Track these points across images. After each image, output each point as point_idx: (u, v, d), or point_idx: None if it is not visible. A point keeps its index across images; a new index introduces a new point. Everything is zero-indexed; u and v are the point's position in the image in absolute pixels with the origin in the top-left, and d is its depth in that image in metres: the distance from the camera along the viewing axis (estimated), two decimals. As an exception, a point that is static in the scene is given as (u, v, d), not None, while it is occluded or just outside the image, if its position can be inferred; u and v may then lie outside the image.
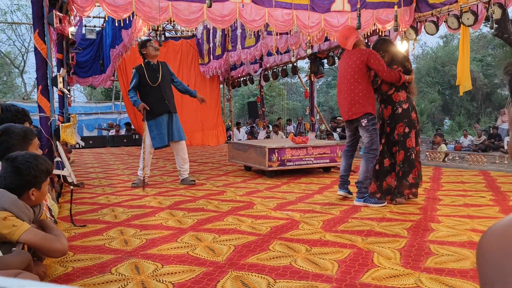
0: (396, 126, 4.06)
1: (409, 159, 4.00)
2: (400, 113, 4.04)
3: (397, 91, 4.07)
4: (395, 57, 4.15)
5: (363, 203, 3.96)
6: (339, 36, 4.24)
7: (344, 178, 4.32)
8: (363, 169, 4.00)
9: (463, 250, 2.57)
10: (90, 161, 9.33)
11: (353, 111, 4.03)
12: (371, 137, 3.98)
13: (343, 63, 4.16)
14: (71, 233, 3.16)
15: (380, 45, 4.21)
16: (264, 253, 2.57)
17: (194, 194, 4.79)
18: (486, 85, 27.37)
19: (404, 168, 4.01)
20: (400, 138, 4.03)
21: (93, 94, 31.43)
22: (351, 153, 4.36)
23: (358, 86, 4.01)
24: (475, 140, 16.08)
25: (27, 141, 2.40)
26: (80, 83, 13.32)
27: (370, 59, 3.94)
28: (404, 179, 4.00)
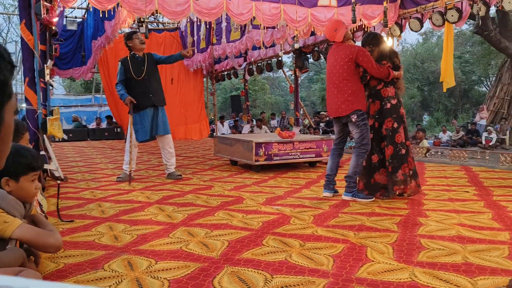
0: (384, 121, 4.06)
1: (398, 154, 4.02)
2: (389, 108, 4.05)
3: (385, 86, 4.08)
4: (384, 52, 4.15)
5: (351, 198, 3.99)
6: (328, 29, 4.19)
7: (330, 178, 4.25)
8: (353, 164, 4.01)
9: (453, 245, 2.61)
10: (71, 155, 9.15)
11: (343, 108, 4.02)
12: (361, 133, 3.98)
13: (332, 59, 4.13)
14: (59, 228, 3.09)
15: (370, 40, 4.21)
16: (259, 248, 2.56)
17: (182, 188, 4.75)
18: (464, 82, 27.91)
19: (393, 163, 4.01)
20: (389, 133, 4.04)
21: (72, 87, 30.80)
22: (339, 151, 4.32)
23: (347, 83, 4.00)
24: (453, 136, 16.41)
25: (18, 135, 2.33)
26: (60, 75, 13.02)
27: (359, 56, 3.94)
28: (393, 175, 4.02)
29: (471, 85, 28.86)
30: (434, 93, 28.78)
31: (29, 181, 1.98)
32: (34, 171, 1.99)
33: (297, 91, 11.30)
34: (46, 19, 3.84)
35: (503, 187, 4.58)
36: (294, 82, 11.50)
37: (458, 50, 29.28)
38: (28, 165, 1.97)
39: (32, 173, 1.98)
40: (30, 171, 1.97)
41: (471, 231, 2.90)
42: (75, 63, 12.39)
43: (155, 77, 5.38)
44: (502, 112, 16.52)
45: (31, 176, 1.98)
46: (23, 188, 1.96)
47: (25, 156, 1.97)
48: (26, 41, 3.55)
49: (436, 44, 30.74)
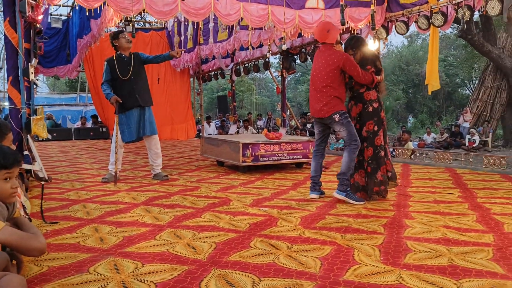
0: (366, 123, 4.12)
1: (377, 156, 4.08)
2: (371, 112, 4.11)
3: (368, 90, 4.13)
4: (366, 56, 4.19)
5: (344, 197, 3.98)
6: (319, 30, 4.15)
7: (315, 179, 4.27)
8: (346, 160, 4.00)
9: (439, 247, 2.64)
10: (55, 154, 9.02)
11: (325, 110, 4.06)
12: (347, 130, 4.00)
13: (318, 62, 4.13)
14: (42, 230, 3.03)
15: (353, 43, 4.23)
16: (246, 251, 2.55)
17: (168, 189, 4.71)
18: (448, 85, 28.34)
19: (372, 165, 4.08)
20: (370, 135, 4.10)
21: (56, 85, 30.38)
22: (321, 152, 4.35)
23: (329, 89, 4.03)
24: (437, 138, 16.64)
25: (1, 135, 2.28)
26: (44, 74, 12.83)
27: (346, 65, 3.96)
28: (373, 176, 4.08)
29: (455, 87, 29.33)
30: (418, 95, 29.18)
31: (1, 180, 1.92)
32: (5, 168, 1.92)
33: (284, 92, 11.33)
34: (31, 16, 3.77)
35: (487, 189, 4.65)
36: (281, 83, 11.52)
37: (443, 53, 29.72)
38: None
39: (3, 170, 1.92)
40: (0, 169, 1.92)
41: (456, 233, 2.93)
42: (59, 61, 12.22)
43: (142, 77, 5.32)
44: (485, 115, 16.81)
45: (2, 174, 1.92)
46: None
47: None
48: (10, 39, 3.48)
49: (421, 47, 31.18)
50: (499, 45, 16.18)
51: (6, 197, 1.91)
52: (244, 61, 12.42)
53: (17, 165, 1.95)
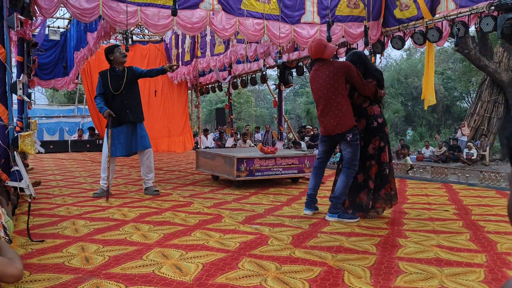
0: (371, 139, 4.02)
1: (382, 174, 4.00)
2: (376, 127, 4.02)
3: (371, 104, 4.05)
4: (369, 71, 4.15)
5: (336, 219, 3.92)
6: (316, 46, 4.02)
7: (312, 197, 4.21)
8: (342, 185, 3.93)
9: (430, 268, 2.59)
10: (50, 167, 8.96)
11: (342, 124, 3.91)
12: (353, 152, 3.92)
13: (319, 78, 4.01)
14: (28, 249, 2.98)
15: (356, 58, 4.17)
16: (233, 272, 2.50)
17: (160, 205, 4.65)
18: (446, 98, 28.43)
19: (376, 182, 3.99)
20: (375, 152, 4.00)
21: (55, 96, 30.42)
22: (321, 170, 4.28)
23: (342, 99, 3.91)
24: (436, 151, 16.61)
25: None
26: (41, 86, 12.83)
27: (349, 71, 3.87)
28: (376, 193, 4.00)
29: (453, 101, 29.41)
30: (417, 108, 29.23)
31: None
32: None
33: (281, 106, 11.32)
34: (20, 32, 3.75)
35: (482, 205, 4.60)
36: (278, 96, 11.52)
37: (441, 67, 29.88)
38: None
39: None
40: None
41: (449, 253, 2.88)
42: (57, 73, 12.24)
43: (133, 92, 5.28)
44: (482, 129, 16.80)
45: None
46: None
47: None
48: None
49: (419, 60, 31.32)
50: (495, 60, 16.26)
51: None
52: (242, 74, 12.45)
53: None
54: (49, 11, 5.28)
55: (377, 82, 4.06)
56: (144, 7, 5.97)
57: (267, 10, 6.65)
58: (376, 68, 4.27)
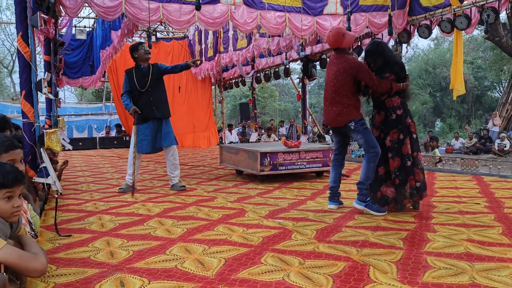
0: (389, 132, 3.93)
1: (405, 167, 3.88)
2: (394, 119, 3.92)
3: (390, 96, 3.95)
4: (387, 62, 4.03)
5: (364, 208, 3.84)
6: (334, 35, 3.98)
7: (334, 190, 4.16)
8: (365, 169, 3.85)
9: (460, 263, 2.49)
10: (79, 163, 9.17)
11: (338, 120, 3.94)
12: (365, 137, 3.85)
13: (331, 70, 4.01)
14: (55, 244, 3.04)
15: (374, 49, 4.08)
16: (256, 267, 2.47)
17: (184, 200, 4.68)
18: (476, 88, 27.60)
19: (400, 176, 3.87)
20: (394, 145, 3.90)
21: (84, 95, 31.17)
22: (340, 162, 4.23)
23: (342, 97, 3.90)
24: (466, 143, 16.15)
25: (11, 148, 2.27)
26: (70, 84, 13.14)
27: (359, 73, 3.83)
28: (402, 189, 3.88)
29: (484, 90, 28.52)
30: (446, 99, 28.48)
31: (2, 199, 1.88)
32: (5, 187, 1.89)
33: (305, 99, 11.22)
34: (44, 30, 3.82)
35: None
36: (301, 90, 11.42)
37: (470, 56, 29.00)
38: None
39: (3, 190, 1.88)
40: (0, 188, 1.88)
41: (480, 248, 2.77)
42: (84, 72, 12.48)
43: (159, 89, 5.32)
44: (516, 119, 16.23)
45: (4, 194, 1.89)
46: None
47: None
48: (22, 54, 3.53)
49: (448, 50, 30.48)
50: (529, 46, 15.62)
51: (7, 217, 1.89)
52: (265, 68, 12.39)
53: (18, 184, 1.92)
54: (73, 10, 5.36)
55: (396, 76, 3.94)
56: (166, 3, 6.00)
57: (288, 2, 6.57)
58: (396, 61, 4.09)
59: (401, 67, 4.04)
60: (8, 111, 17.12)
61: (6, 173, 1.87)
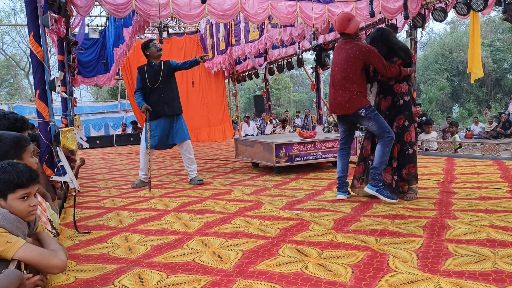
0: (395, 118, 3.89)
1: (405, 153, 3.86)
2: (402, 105, 3.88)
3: (398, 82, 3.90)
4: (393, 48, 3.95)
5: (375, 192, 3.79)
6: (340, 19, 3.92)
7: (342, 180, 4.11)
8: (379, 154, 3.78)
9: (483, 249, 2.44)
10: (96, 161, 9.28)
11: (348, 107, 3.86)
12: (377, 123, 3.78)
13: (339, 56, 3.93)
14: (75, 240, 3.08)
15: (379, 36, 4.00)
16: (273, 259, 2.46)
17: (201, 194, 4.69)
18: (495, 71, 26.94)
19: (398, 161, 3.87)
20: (399, 131, 3.87)
21: (99, 93, 31.51)
22: (346, 151, 4.17)
23: (352, 84, 3.83)
24: (486, 127, 15.83)
25: (21, 148, 2.30)
26: (85, 83, 13.26)
27: (369, 57, 3.75)
28: (398, 171, 3.88)
29: (503, 73, 27.82)
30: (464, 83, 27.89)
31: (18, 199, 1.90)
32: (20, 187, 1.90)
33: (319, 88, 11.11)
34: (55, 30, 3.85)
35: (539, 182, 4.31)
36: (315, 79, 11.31)
37: (488, 38, 28.30)
38: (11, 182, 1.88)
39: (19, 190, 1.89)
40: (16, 188, 1.89)
41: (502, 233, 2.70)
42: (98, 71, 12.57)
43: (170, 86, 5.31)
44: (537, 101, 15.79)
45: (20, 194, 1.90)
46: (12, 207, 1.88)
47: (8, 172, 1.88)
48: (35, 54, 3.56)
49: (464, 33, 29.76)
50: (549, 26, 15.14)
51: (24, 216, 1.91)
52: (278, 59, 12.30)
53: (33, 183, 1.93)
54: (84, 9, 5.39)
55: (403, 61, 3.88)
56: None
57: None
58: (402, 46, 4.01)
59: (406, 52, 3.99)
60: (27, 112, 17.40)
61: (21, 173, 1.89)
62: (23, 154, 2.29)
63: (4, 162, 1.92)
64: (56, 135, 3.60)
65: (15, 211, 1.87)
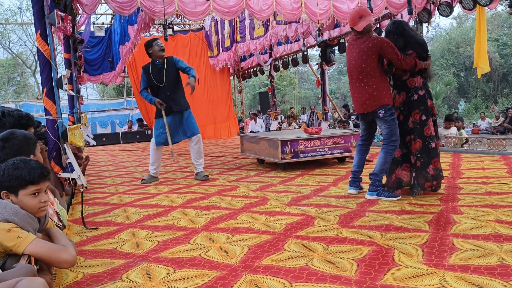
0: (411, 113, 3.83)
1: (427, 148, 3.80)
2: (416, 100, 3.82)
3: (412, 76, 3.84)
4: (410, 41, 3.92)
5: (376, 197, 3.80)
6: (353, 14, 3.90)
7: (356, 175, 4.11)
8: (381, 161, 3.80)
9: (488, 244, 2.44)
10: (103, 159, 9.34)
11: (368, 104, 3.83)
12: (390, 128, 3.77)
13: (352, 52, 3.90)
14: (83, 236, 3.12)
15: (394, 29, 3.95)
16: (279, 254, 2.48)
17: (207, 190, 4.72)
18: (502, 66, 26.72)
19: (422, 158, 3.79)
20: (416, 126, 3.81)
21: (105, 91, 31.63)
22: (365, 147, 4.15)
23: (371, 78, 3.78)
24: (493, 123, 15.73)
25: (32, 144, 2.33)
26: (91, 81, 13.32)
27: (383, 48, 3.70)
28: (423, 171, 3.80)
29: (510, 68, 27.57)
30: (471, 78, 27.69)
31: (29, 195, 1.92)
32: (31, 184, 1.92)
33: (325, 85, 11.10)
34: (61, 28, 3.88)
35: (546, 177, 4.30)
36: (320, 75, 11.29)
37: (495, 33, 28.04)
38: (23, 178, 1.91)
39: (31, 186, 1.92)
40: (27, 185, 1.91)
41: (508, 228, 2.70)
42: (104, 68, 12.63)
43: (175, 83, 5.33)
44: (545, 96, 15.66)
45: (31, 190, 1.93)
46: (23, 203, 1.91)
47: (20, 169, 1.91)
48: (42, 52, 3.59)
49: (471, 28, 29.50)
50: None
51: (35, 212, 1.94)
52: (282, 55, 12.29)
53: (43, 179, 1.96)
54: (90, 7, 5.42)
55: (417, 54, 3.84)
56: (180, -5, 6.00)
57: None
58: (418, 40, 3.94)
59: (422, 46, 3.91)
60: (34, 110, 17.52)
61: (32, 170, 1.92)
62: (35, 150, 2.33)
63: (16, 158, 1.95)
64: (64, 132, 3.64)
65: (26, 207, 1.90)
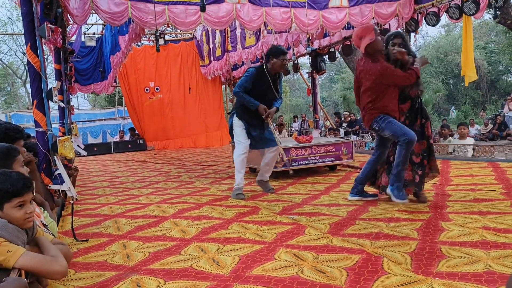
0: (416, 117, 4.06)
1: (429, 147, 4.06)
2: (417, 108, 4.07)
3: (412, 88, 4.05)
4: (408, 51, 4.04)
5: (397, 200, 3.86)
6: (353, 37, 4.10)
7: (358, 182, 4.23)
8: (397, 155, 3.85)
9: (475, 251, 2.48)
10: (94, 169, 9.30)
11: (365, 119, 4.07)
12: (389, 130, 3.84)
13: (356, 71, 4.11)
14: (73, 248, 3.10)
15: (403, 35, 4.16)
16: (270, 263, 2.49)
17: (199, 200, 4.72)
18: (490, 73, 27.09)
19: (427, 156, 4.03)
20: (419, 129, 4.02)
21: (97, 101, 31.51)
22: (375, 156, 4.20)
23: (367, 92, 3.94)
24: (482, 129, 15.91)
25: (10, 158, 2.33)
26: (82, 91, 13.31)
27: (383, 78, 3.80)
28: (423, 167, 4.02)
29: (498, 75, 27.97)
30: (460, 86, 28.01)
31: (14, 208, 1.91)
32: (15, 196, 1.91)
33: (315, 93, 11.16)
34: (51, 40, 3.89)
35: (532, 183, 4.36)
36: (311, 84, 11.37)
37: (483, 41, 28.46)
38: (6, 191, 1.90)
39: (15, 199, 1.91)
40: (11, 197, 1.90)
41: (495, 235, 2.75)
42: (95, 78, 12.63)
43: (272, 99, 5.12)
44: (532, 102, 15.87)
45: (15, 203, 1.91)
46: (9, 215, 1.90)
47: (2, 182, 1.90)
48: (32, 64, 3.60)
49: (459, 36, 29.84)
50: (543, 28, 15.24)
51: (21, 224, 1.93)
52: (274, 64, 12.34)
53: (27, 191, 1.95)
54: (81, 18, 5.44)
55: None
56: (171, 5, 6.04)
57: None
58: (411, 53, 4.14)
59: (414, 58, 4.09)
60: (24, 120, 17.39)
61: (15, 182, 1.91)
62: (13, 164, 2.32)
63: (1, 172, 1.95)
64: (54, 144, 3.63)
65: (12, 220, 1.89)
